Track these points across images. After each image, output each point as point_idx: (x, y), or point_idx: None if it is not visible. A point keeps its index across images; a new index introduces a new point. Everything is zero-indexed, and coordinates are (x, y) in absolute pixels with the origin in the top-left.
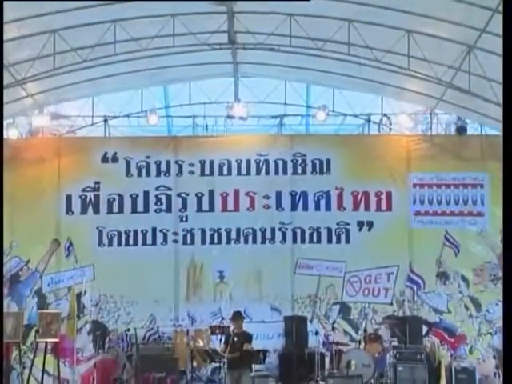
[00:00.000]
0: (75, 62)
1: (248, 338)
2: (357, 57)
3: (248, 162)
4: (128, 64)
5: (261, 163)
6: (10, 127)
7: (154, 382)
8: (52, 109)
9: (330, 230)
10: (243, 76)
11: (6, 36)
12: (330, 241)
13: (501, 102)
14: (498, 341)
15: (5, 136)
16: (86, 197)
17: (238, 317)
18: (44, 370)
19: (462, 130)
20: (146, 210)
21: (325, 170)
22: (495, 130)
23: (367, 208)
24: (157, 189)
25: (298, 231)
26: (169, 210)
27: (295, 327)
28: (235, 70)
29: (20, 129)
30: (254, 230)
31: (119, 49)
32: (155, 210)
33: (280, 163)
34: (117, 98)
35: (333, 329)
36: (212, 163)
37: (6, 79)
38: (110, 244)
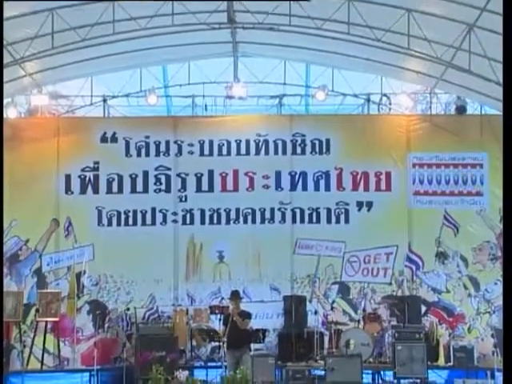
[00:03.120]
0: (74, 41)
1: (246, 315)
2: (357, 36)
3: (247, 142)
4: (127, 43)
5: (260, 143)
6: (8, 106)
7: (154, 360)
8: (51, 88)
9: (329, 210)
10: (242, 56)
11: (4, 14)
12: (329, 221)
13: (501, 81)
14: (496, 320)
15: (4, 115)
16: (85, 177)
17: (236, 296)
18: (44, 349)
19: (461, 109)
20: (146, 190)
21: (324, 150)
22: (495, 110)
23: (366, 188)
24: (156, 169)
25: (298, 211)
26: (168, 190)
27: (294, 307)
28: (234, 50)
29: (19, 108)
30: (254, 210)
31: (118, 28)
32: (154, 190)
33: (279, 143)
34: (116, 77)
35: (332, 308)
36: (211, 143)
37: (5, 58)
38: (110, 224)
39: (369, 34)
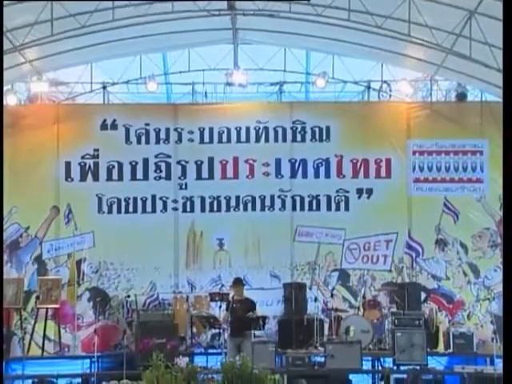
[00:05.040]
0: (73, 28)
1: (251, 305)
2: (357, 23)
3: (247, 129)
4: (127, 30)
5: (260, 130)
6: (8, 93)
7: (154, 347)
8: (51, 75)
9: (329, 198)
10: (243, 43)
11: (3, 2)
12: (329, 208)
13: (501, 67)
14: (495, 306)
15: (4, 102)
16: (85, 164)
17: (238, 283)
18: (45, 336)
19: (462, 96)
20: (146, 177)
21: (324, 138)
22: (496, 97)
23: (366, 175)
24: (156, 156)
25: (298, 199)
26: (168, 177)
27: (294, 294)
28: (234, 37)
29: (19, 95)
30: (254, 198)
31: (118, 15)
32: (155, 178)
33: (279, 130)
34: (116, 64)
35: (332, 295)
36: (211, 130)
37: (4, 45)
38: (110, 211)
39: (369, 20)
